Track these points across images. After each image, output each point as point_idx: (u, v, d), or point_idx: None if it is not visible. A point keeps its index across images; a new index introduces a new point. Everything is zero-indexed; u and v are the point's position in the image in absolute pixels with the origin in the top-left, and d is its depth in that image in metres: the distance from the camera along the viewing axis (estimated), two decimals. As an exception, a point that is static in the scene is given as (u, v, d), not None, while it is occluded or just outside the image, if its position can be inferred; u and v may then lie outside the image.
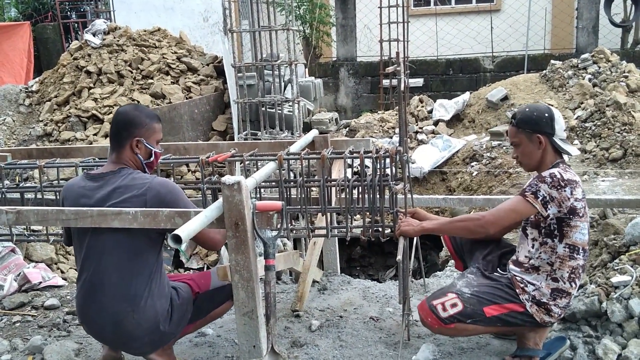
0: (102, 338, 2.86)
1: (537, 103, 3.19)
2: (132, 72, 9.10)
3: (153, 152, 2.85)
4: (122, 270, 2.67)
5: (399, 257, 2.96)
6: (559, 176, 2.80)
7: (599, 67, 8.24)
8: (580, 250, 2.87)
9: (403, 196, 3.30)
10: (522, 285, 2.91)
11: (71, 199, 2.79)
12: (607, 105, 7.05)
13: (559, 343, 3.07)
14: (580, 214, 2.84)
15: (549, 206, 2.79)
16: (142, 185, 2.70)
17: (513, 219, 2.92)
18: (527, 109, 2.97)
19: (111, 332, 2.73)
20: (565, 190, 2.78)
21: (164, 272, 2.88)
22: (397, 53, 3.31)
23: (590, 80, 8.05)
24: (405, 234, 3.08)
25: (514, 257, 3.08)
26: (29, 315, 3.95)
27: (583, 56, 8.64)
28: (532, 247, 2.96)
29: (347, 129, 9.06)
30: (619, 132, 6.69)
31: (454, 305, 2.88)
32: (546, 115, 2.90)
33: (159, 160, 3.42)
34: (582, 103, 7.68)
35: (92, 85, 8.97)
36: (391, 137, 8.39)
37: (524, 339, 2.99)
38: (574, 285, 2.89)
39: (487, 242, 3.28)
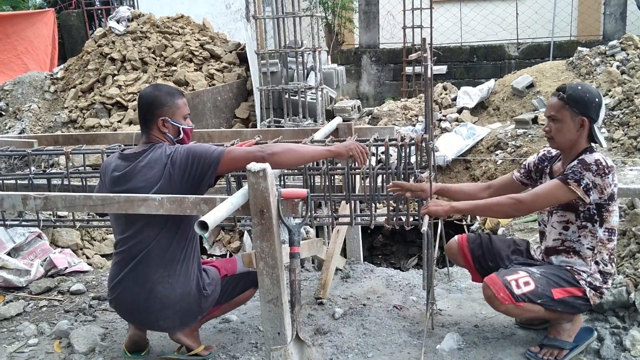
0: (133, 311, 2.89)
1: (589, 84, 3.12)
2: (155, 59, 9.13)
3: (181, 128, 2.88)
4: (162, 238, 2.76)
5: (424, 228, 2.92)
6: (604, 163, 2.77)
7: (627, 54, 8.07)
8: (615, 232, 2.90)
9: (427, 184, 3.27)
10: (575, 272, 2.91)
11: (108, 176, 2.88)
12: (636, 93, 6.91)
13: (587, 334, 3.03)
14: (615, 199, 2.86)
15: (591, 193, 2.77)
16: (169, 150, 2.79)
17: (550, 204, 2.90)
18: (579, 87, 2.87)
19: (144, 300, 2.79)
20: (608, 177, 2.77)
21: (198, 243, 2.96)
22: (424, 39, 3.26)
23: (618, 67, 7.89)
24: (435, 214, 3.01)
25: (542, 247, 3.06)
26: (56, 300, 4.00)
27: (611, 43, 8.48)
28: (565, 229, 2.93)
29: (369, 116, 9.00)
30: (647, 121, 6.57)
31: (526, 283, 2.85)
32: (597, 100, 2.84)
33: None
34: (609, 91, 7.54)
35: (116, 72, 9.02)
36: (414, 125, 8.32)
37: (560, 329, 2.96)
38: (613, 266, 2.93)
39: (506, 241, 3.34)
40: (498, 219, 5.44)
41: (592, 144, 2.91)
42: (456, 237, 3.42)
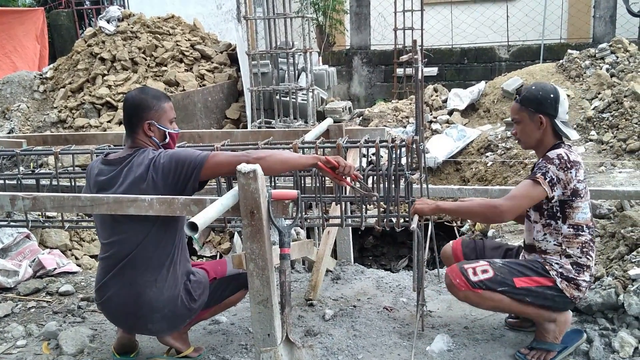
0: (121, 315, 2.87)
1: (545, 82, 3.15)
2: (145, 59, 9.10)
3: (167, 132, 2.86)
4: (148, 242, 2.73)
5: (414, 225, 2.93)
6: (565, 157, 2.82)
7: (617, 57, 8.12)
8: (585, 228, 2.89)
9: (418, 186, 3.28)
10: (547, 264, 2.92)
11: (92, 180, 2.85)
12: (625, 96, 6.95)
13: (576, 336, 3.04)
14: (582, 195, 2.86)
15: (555, 188, 2.81)
16: (152, 154, 2.75)
17: (528, 205, 2.91)
18: (533, 87, 2.95)
19: (133, 304, 2.76)
20: (571, 172, 2.80)
21: (186, 247, 2.94)
22: (415, 41, 3.27)
23: (607, 70, 7.94)
24: (420, 212, 3.04)
25: (523, 244, 3.09)
26: (44, 301, 3.97)
27: (601, 46, 8.53)
28: (535, 229, 2.98)
29: (360, 117, 9.01)
30: (636, 123, 6.60)
31: (484, 271, 2.89)
32: (551, 96, 2.89)
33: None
34: (599, 93, 7.58)
35: (106, 72, 8.98)
36: (405, 127, 8.33)
37: (544, 331, 2.96)
38: (590, 258, 2.90)
39: (498, 245, 3.35)
40: (480, 223, 5.42)
41: (563, 139, 2.95)
42: (451, 242, 3.43)
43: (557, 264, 2.90)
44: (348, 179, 2.96)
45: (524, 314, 3.05)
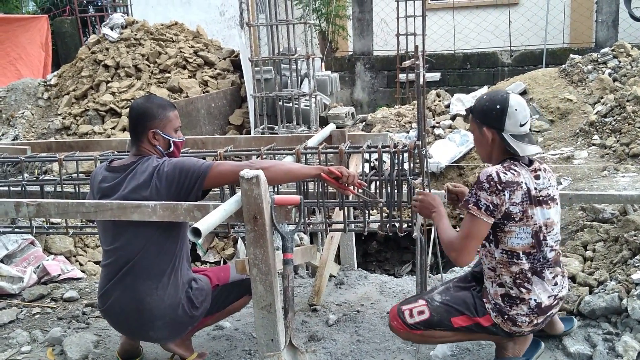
0: (123, 322, 2.88)
1: (499, 91, 2.87)
2: (149, 66, 9.13)
3: (171, 141, 2.87)
4: (149, 250, 2.73)
5: (416, 233, 2.93)
6: (496, 179, 2.57)
7: (619, 62, 8.12)
8: (521, 255, 2.67)
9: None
10: (486, 294, 2.80)
11: (95, 187, 2.86)
12: (628, 100, 6.95)
13: (535, 347, 2.95)
14: (517, 219, 2.62)
15: (495, 213, 2.60)
16: (156, 162, 2.77)
17: (480, 239, 2.66)
18: (484, 97, 2.73)
19: (134, 311, 2.77)
20: (503, 194, 2.57)
21: (188, 255, 2.94)
22: (416, 47, 3.28)
23: (610, 74, 7.94)
24: (419, 211, 2.92)
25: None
26: (49, 307, 3.98)
27: (603, 50, 8.53)
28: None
29: (363, 123, 9.02)
30: (639, 127, 6.60)
31: (420, 312, 2.77)
32: (497, 107, 2.63)
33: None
34: (602, 98, 7.58)
35: (109, 79, 9.01)
36: (408, 132, 8.34)
37: (503, 349, 2.88)
38: (524, 291, 2.68)
39: None
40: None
41: (514, 154, 2.69)
42: None
43: (490, 295, 2.77)
44: (352, 187, 2.96)
45: (476, 340, 2.92)
